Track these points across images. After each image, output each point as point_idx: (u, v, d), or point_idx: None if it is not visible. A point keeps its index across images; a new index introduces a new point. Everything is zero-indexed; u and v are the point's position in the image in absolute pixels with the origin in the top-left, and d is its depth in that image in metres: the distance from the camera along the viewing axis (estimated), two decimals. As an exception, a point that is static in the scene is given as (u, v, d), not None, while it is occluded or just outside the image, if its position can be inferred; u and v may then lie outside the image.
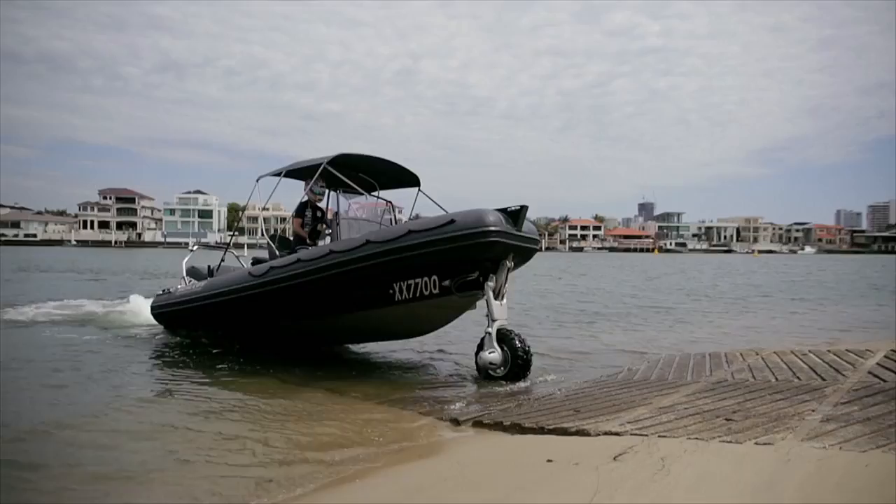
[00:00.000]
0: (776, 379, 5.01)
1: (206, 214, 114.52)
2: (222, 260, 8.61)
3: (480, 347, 5.89)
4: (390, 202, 7.85)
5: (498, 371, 5.72)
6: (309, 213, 7.56)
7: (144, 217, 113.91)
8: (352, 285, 6.17)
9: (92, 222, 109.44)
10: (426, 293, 5.91)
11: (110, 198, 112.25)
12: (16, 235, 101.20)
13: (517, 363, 5.67)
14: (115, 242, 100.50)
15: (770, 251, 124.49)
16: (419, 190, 7.86)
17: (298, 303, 6.64)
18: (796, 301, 16.60)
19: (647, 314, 12.59)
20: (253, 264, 7.92)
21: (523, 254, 5.93)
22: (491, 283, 5.69)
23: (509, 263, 5.74)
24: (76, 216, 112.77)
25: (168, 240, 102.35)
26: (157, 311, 8.73)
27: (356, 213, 7.46)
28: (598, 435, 3.62)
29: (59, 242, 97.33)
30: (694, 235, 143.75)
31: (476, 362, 5.90)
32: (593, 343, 8.61)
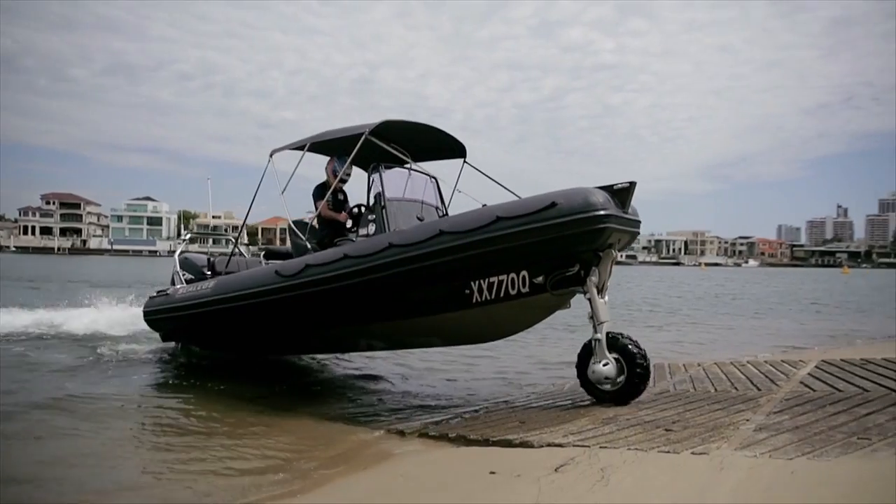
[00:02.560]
0: (715, 389, 5.17)
1: (155, 222, 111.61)
2: (232, 254, 7.37)
3: (586, 358, 4.72)
4: (435, 177, 6.47)
5: (611, 386, 4.65)
6: (330, 199, 6.34)
7: (90, 223, 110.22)
8: (415, 287, 5.06)
9: (33, 228, 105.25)
10: (512, 293, 4.82)
11: (54, 203, 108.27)
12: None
13: (635, 374, 4.58)
14: (59, 249, 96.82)
15: (716, 264, 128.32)
16: (465, 161, 6.62)
17: (344, 308, 5.53)
18: (739, 314, 17.17)
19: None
20: (267, 258, 7.14)
21: (628, 241, 4.94)
22: (594, 278, 4.64)
23: (615, 253, 4.76)
24: (16, 221, 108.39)
25: (115, 247, 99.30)
26: (151, 316, 7.45)
27: (398, 190, 5.96)
28: (542, 447, 3.67)
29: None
30: (644, 248, 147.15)
31: (585, 377, 4.73)
32: (543, 355, 8.71)
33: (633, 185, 4.61)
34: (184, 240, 8.99)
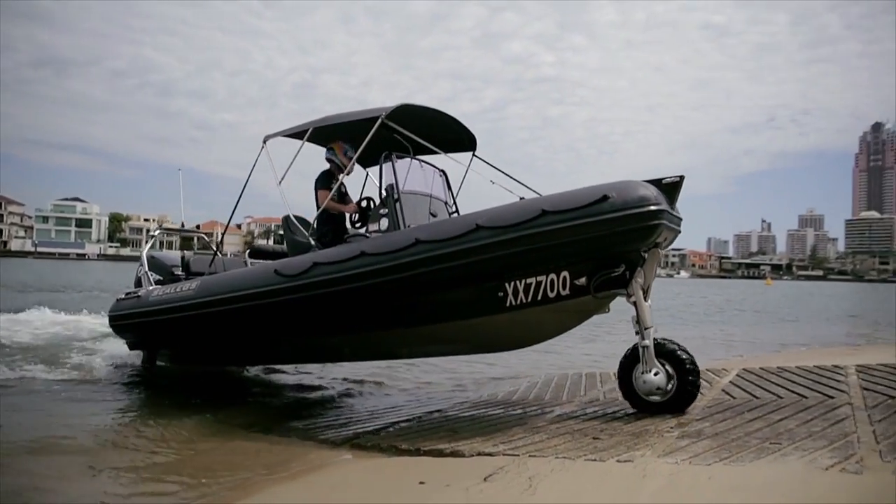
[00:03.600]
0: (643, 397, 5.32)
1: (84, 223, 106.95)
2: (216, 253, 6.71)
3: (631, 367, 4.45)
4: (444, 171, 5.94)
5: (660, 397, 4.37)
6: (336, 194, 5.70)
7: (12, 224, 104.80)
8: (443, 289, 4.57)
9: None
10: (551, 295, 4.40)
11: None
12: None
13: (686, 383, 4.30)
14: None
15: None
16: (473, 154, 6.06)
17: (359, 313, 4.97)
18: (668, 323, 17.77)
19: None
20: (252, 256, 6.65)
21: (672, 240, 4.60)
22: (640, 280, 4.32)
23: (662, 253, 4.51)
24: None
25: (40, 249, 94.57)
26: (119, 321, 6.71)
27: (408, 183, 5.36)
28: (472, 456, 3.70)
29: None
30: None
31: (630, 387, 4.46)
32: (478, 365, 8.76)
33: (682, 179, 4.31)
34: (152, 237, 8.42)
